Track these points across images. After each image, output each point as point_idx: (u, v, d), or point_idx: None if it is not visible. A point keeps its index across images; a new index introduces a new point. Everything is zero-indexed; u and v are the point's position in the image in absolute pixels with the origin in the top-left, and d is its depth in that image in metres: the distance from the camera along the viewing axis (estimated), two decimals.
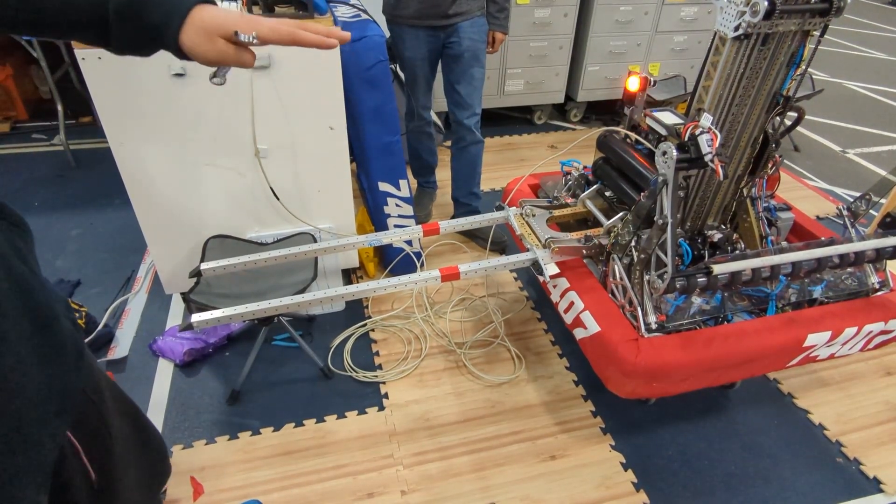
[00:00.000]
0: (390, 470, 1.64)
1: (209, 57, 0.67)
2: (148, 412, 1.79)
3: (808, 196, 3.07)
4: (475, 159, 2.46)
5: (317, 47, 0.72)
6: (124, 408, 0.93)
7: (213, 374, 1.93)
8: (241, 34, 0.67)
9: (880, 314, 1.55)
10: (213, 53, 0.66)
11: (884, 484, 1.64)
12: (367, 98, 1.93)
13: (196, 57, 0.67)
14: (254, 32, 0.67)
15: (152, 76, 1.62)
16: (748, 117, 1.55)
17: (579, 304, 1.58)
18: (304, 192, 1.95)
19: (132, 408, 0.97)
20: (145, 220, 1.88)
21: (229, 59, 0.68)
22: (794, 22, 1.37)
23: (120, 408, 0.90)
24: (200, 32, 0.65)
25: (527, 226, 1.77)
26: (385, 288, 1.50)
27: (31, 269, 0.63)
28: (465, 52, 2.19)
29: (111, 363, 1.95)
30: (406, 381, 1.92)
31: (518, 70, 3.45)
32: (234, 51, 0.68)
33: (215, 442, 1.71)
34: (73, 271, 2.35)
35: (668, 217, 1.35)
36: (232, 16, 0.67)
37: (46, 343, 0.60)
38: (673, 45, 3.56)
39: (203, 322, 1.39)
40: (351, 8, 2.07)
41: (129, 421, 0.93)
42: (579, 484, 1.62)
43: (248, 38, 0.67)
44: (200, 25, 0.65)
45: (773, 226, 1.79)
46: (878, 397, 1.92)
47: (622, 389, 1.50)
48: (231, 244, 1.92)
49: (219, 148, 1.80)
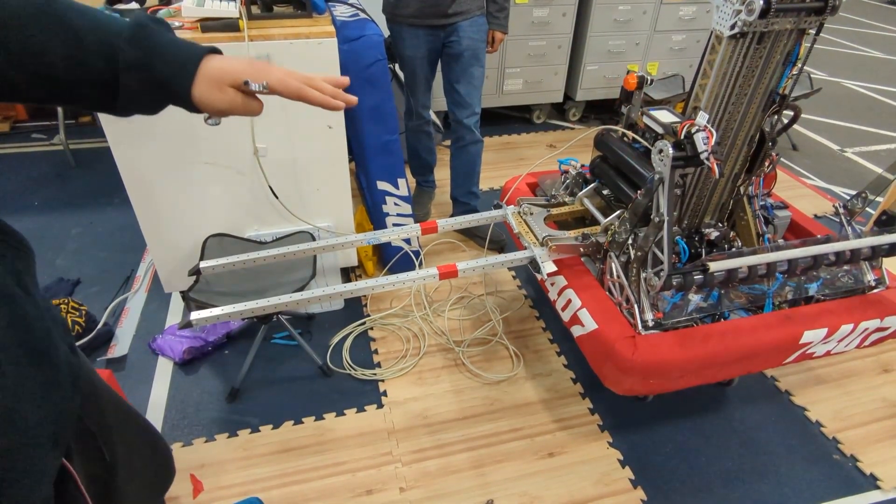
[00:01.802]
0: (389, 467, 1.65)
1: (220, 107, 0.66)
2: (147, 410, 1.80)
3: (807, 195, 3.08)
4: (474, 159, 2.47)
5: (322, 107, 0.72)
6: (128, 417, 0.92)
7: (212, 372, 1.94)
8: (252, 83, 0.67)
9: (876, 311, 1.56)
10: (223, 103, 0.66)
11: (880, 480, 1.65)
12: (366, 97, 1.94)
13: (207, 108, 0.66)
14: (264, 82, 0.67)
15: None
16: (744, 116, 1.56)
17: (577, 301, 1.59)
18: (303, 190, 1.96)
19: (136, 416, 0.97)
20: (144, 218, 1.88)
21: (238, 108, 0.67)
22: (790, 20, 1.37)
23: (123, 418, 0.89)
24: (212, 83, 0.64)
25: (524, 224, 1.78)
26: (383, 286, 1.51)
27: (27, 293, 0.61)
28: (464, 51, 2.20)
29: (111, 361, 1.96)
30: (405, 378, 1.93)
31: (517, 69, 3.45)
32: (243, 99, 0.67)
33: (215, 439, 1.72)
34: (73, 270, 2.36)
35: (664, 215, 1.36)
36: (241, 64, 0.67)
37: (41, 373, 0.59)
38: (672, 44, 3.57)
39: (202, 320, 1.39)
40: (349, 7, 2.08)
41: (134, 430, 0.93)
42: (577, 480, 1.62)
43: (258, 87, 0.67)
44: (211, 75, 0.64)
45: (770, 224, 1.79)
46: (875, 394, 1.93)
47: (619, 386, 1.51)
48: (230, 243, 1.92)
49: (218, 147, 1.80)
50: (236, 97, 0.67)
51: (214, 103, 0.66)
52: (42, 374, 0.59)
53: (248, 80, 0.67)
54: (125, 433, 0.87)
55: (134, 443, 0.91)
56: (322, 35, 1.69)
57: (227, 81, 0.66)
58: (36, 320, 0.60)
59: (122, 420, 0.87)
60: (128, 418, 0.92)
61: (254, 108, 0.69)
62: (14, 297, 0.58)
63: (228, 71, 0.66)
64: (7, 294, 0.57)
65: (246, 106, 0.68)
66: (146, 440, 0.98)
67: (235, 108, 0.67)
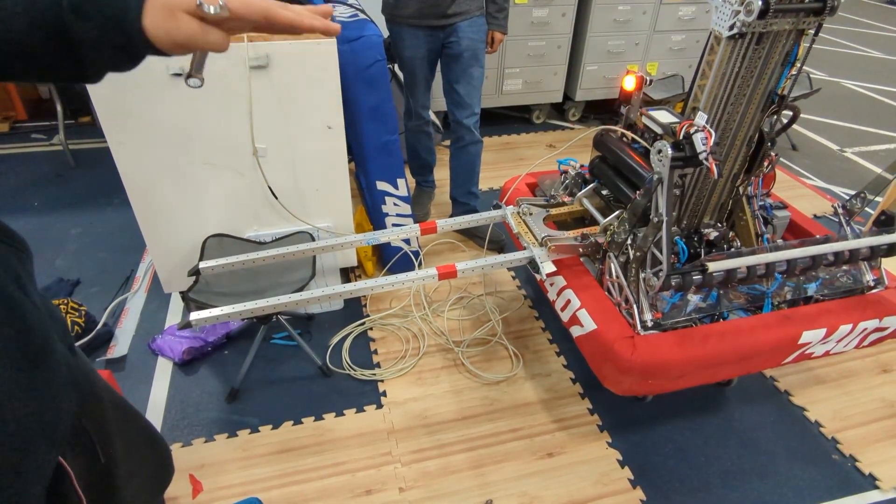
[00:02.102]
0: (388, 467, 1.65)
1: (175, 38, 0.58)
2: (147, 410, 1.80)
3: (806, 195, 3.08)
4: (474, 159, 2.47)
5: (294, 28, 0.64)
6: (128, 416, 0.92)
7: (211, 372, 1.94)
8: (206, 5, 0.58)
9: (875, 311, 1.56)
10: (179, 34, 0.58)
11: (879, 480, 1.65)
12: (365, 97, 1.94)
13: (162, 42, 0.59)
14: (221, 2, 0.58)
15: (150, 76, 1.63)
16: (743, 116, 1.56)
17: (576, 301, 1.59)
18: (303, 191, 1.96)
19: (136, 416, 0.97)
20: (144, 219, 1.89)
21: (196, 38, 0.59)
22: (789, 21, 1.38)
23: (122, 417, 0.89)
24: (164, 10, 0.57)
25: (524, 224, 1.78)
26: (383, 286, 1.51)
27: (25, 294, 0.61)
28: (464, 51, 2.20)
29: (110, 362, 1.96)
30: (404, 379, 1.93)
31: (516, 69, 3.46)
32: (201, 28, 0.59)
33: (214, 440, 1.72)
34: (73, 270, 2.36)
35: (663, 215, 1.36)
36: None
37: (38, 373, 0.58)
38: (671, 44, 3.57)
39: (201, 320, 1.39)
40: (349, 7, 2.08)
41: (134, 429, 0.93)
42: (576, 481, 1.63)
43: (212, 10, 0.58)
44: (161, 1, 0.57)
45: (769, 224, 1.80)
46: (874, 395, 1.93)
47: (619, 387, 1.51)
48: (229, 243, 1.93)
49: (217, 147, 1.80)
50: (191, 24, 0.59)
51: (170, 33, 0.58)
52: (39, 375, 0.59)
53: (202, 0, 0.58)
54: (125, 432, 0.87)
55: (134, 442, 0.91)
56: (321, 36, 1.69)
57: (178, 5, 0.58)
58: (33, 321, 0.60)
59: (121, 420, 0.87)
60: (127, 418, 0.92)
61: (214, 40, 0.60)
62: (12, 297, 0.58)
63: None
64: (5, 295, 0.57)
65: (205, 36, 0.60)
66: (145, 439, 0.98)
67: (194, 39, 0.59)
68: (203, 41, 0.60)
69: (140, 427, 0.97)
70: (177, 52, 0.60)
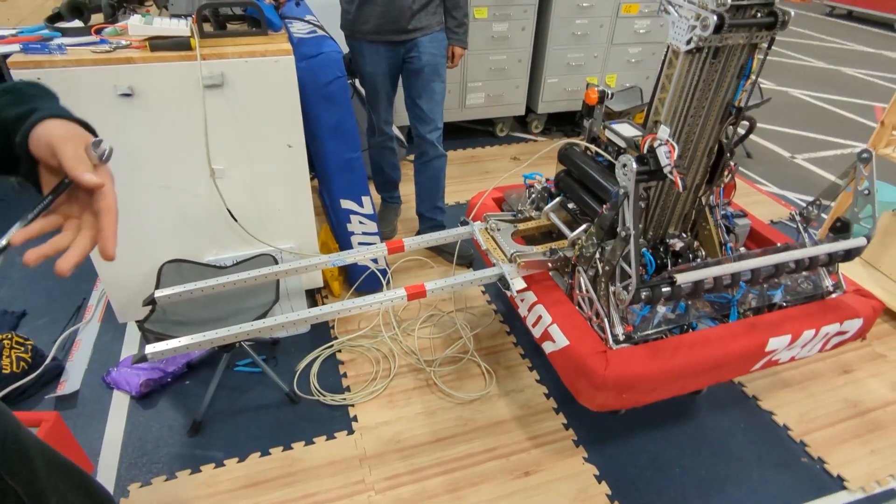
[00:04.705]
0: (362, 496, 1.59)
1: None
2: (101, 449, 1.70)
3: (762, 201, 3.18)
4: (438, 173, 2.45)
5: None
6: (62, 471, 0.86)
7: (172, 404, 1.85)
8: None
9: (835, 316, 1.60)
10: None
11: (846, 481, 1.68)
12: (326, 115, 1.90)
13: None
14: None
15: (98, 96, 1.55)
16: (703, 128, 1.58)
17: (547, 317, 1.57)
18: (264, 212, 1.90)
19: (72, 469, 0.91)
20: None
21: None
22: (743, 35, 1.41)
23: (56, 472, 0.83)
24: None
25: (492, 240, 1.76)
26: (350, 309, 1.47)
27: None
28: (425, 66, 2.19)
29: (61, 399, 1.84)
30: (375, 402, 1.88)
31: (479, 83, 3.47)
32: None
33: (176, 477, 1.62)
34: (18, 301, 2.23)
35: (630, 229, 1.36)
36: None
37: None
38: (628, 56, 3.65)
39: (158, 353, 1.32)
40: (306, 24, 2.04)
41: (67, 483, 0.87)
42: (554, 499, 1.60)
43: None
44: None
45: (732, 232, 1.83)
46: (836, 395, 1.98)
47: (593, 402, 1.50)
48: (188, 269, 1.84)
49: (172, 169, 1.73)
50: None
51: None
52: None
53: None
54: (58, 488, 0.81)
55: (66, 497, 0.85)
56: (278, 53, 1.65)
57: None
58: None
59: (55, 475, 0.81)
60: (62, 473, 0.86)
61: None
62: None
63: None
64: None
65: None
66: (84, 493, 0.92)
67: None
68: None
69: (76, 481, 0.90)
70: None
